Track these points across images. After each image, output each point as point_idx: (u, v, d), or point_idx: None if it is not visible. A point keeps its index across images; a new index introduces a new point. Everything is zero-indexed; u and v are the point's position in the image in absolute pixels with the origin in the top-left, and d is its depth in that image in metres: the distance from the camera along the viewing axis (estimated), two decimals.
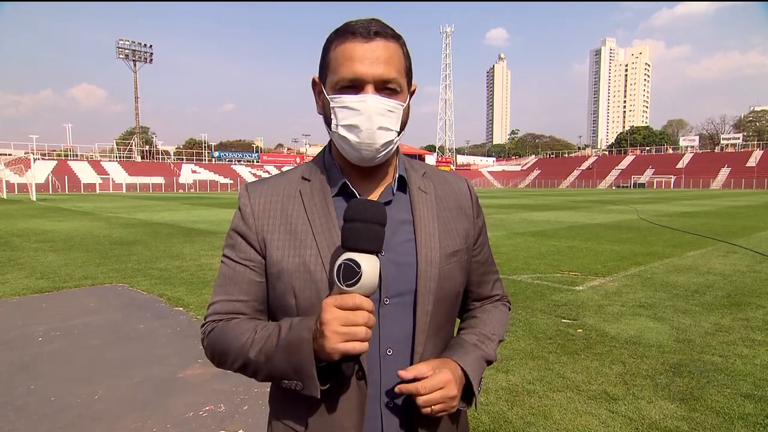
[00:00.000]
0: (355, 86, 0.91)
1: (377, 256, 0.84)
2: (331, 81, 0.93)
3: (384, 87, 0.92)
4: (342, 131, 0.93)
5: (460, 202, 1.09)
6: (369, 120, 0.90)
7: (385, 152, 0.95)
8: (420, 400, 0.88)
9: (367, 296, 0.82)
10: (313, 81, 1.01)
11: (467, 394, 0.98)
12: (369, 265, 0.81)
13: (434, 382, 0.89)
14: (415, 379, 0.90)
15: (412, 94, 1.02)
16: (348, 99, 0.91)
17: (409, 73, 0.98)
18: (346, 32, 0.92)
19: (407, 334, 0.97)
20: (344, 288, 0.80)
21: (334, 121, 0.94)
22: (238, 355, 0.93)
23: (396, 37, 0.95)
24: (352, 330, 0.80)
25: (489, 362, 1.05)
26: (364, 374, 0.92)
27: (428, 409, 0.89)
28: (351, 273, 0.80)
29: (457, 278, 1.03)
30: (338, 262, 0.81)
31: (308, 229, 0.97)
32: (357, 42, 0.90)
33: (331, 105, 0.94)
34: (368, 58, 0.90)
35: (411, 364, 0.96)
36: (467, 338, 1.06)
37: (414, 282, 0.96)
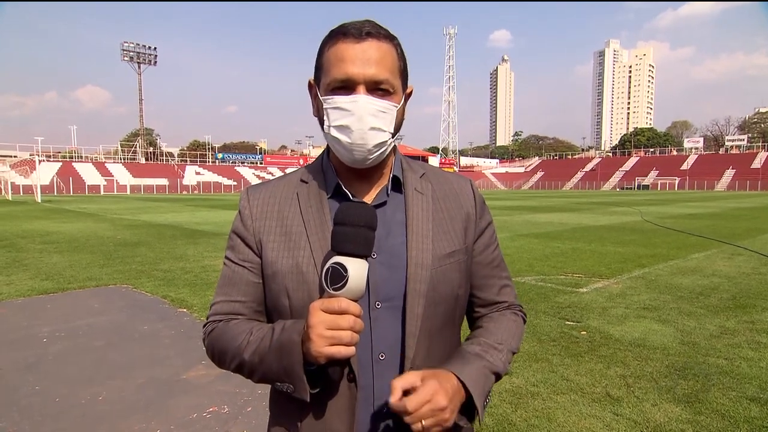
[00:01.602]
0: (346, 87, 0.91)
1: (367, 259, 0.83)
2: (324, 82, 0.93)
3: (376, 88, 0.91)
4: (334, 132, 0.93)
5: (461, 202, 1.06)
6: (360, 121, 0.90)
7: (377, 153, 0.94)
8: (407, 418, 0.81)
9: (355, 300, 0.81)
10: (309, 84, 1.01)
11: (469, 408, 0.92)
12: (356, 269, 0.80)
13: (420, 396, 0.82)
14: (406, 392, 0.83)
15: (408, 96, 1.01)
16: (340, 100, 0.91)
17: (403, 75, 0.97)
18: (338, 33, 0.92)
19: (399, 339, 0.95)
20: (331, 291, 0.80)
21: (326, 123, 0.94)
22: (234, 356, 0.94)
23: (389, 38, 0.94)
24: (337, 334, 0.79)
25: (497, 374, 0.98)
26: (355, 377, 0.91)
27: (419, 425, 0.81)
28: (338, 277, 0.79)
29: (454, 280, 1.00)
30: (326, 265, 0.81)
31: (302, 230, 0.97)
32: (348, 43, 0.90)
33: (324, 106, 0.93)
34: (360, 58, 0.89)
35: (402, 368, 0.94)
36: (468, 348, 1.00)
37: (403, 284, 0.95)
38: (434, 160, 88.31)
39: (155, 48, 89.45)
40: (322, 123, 0.97)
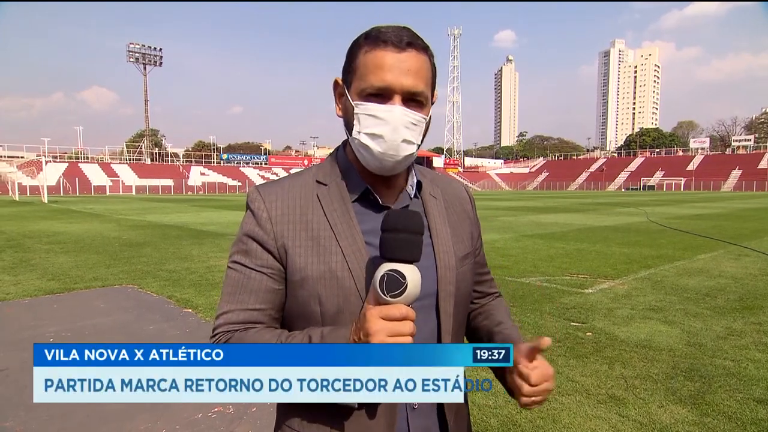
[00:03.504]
0: (382, 95, 0.90)
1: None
2: (357, 87, 0.92)
3: (411, 99, 0.91)
4: (365, 139, 0.91)
5: (464, 207, 1.13)
6: (395, 131, 0.90)
7: (405, 164, 0.96)
8: (526, 389, 0.89)
9: (409, 305, 0.82)
10: (336, 82, 0.99)
11: None
12: (413, 275, 0.81)
13: (542, 373, 0.89)
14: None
15: (432, 103, 1.02)
16: (374, 108, 0.90)
17: (433, 85, 0.98)
18: (377, 39, 0.90)
19: (430, 337, 0.98)
20: (388, 299, 0.80)
21: (356, 128, 0.92)
22: None
23: (425, 49, 0.94)
24: (399, 340, 0.80)
25: None
26: None
27: (529, 400, 0.90)
28: (396, 284, 0.79)
29: (468, 280, 1.07)
30: (380, 272, 0.80)
31: (331, 235, 0.95)
32: (389, 51, 0.89)
33: (355, 111, 0.92)
34: (399, 68, 0.89)
35: None
36: (514, 334, 1.07)
37: (434, 285, 0.98)
38: (438, 161, 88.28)
39: (161, 49, 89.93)
40: (348, 126, 0.96)
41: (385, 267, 0.81)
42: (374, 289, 0.81)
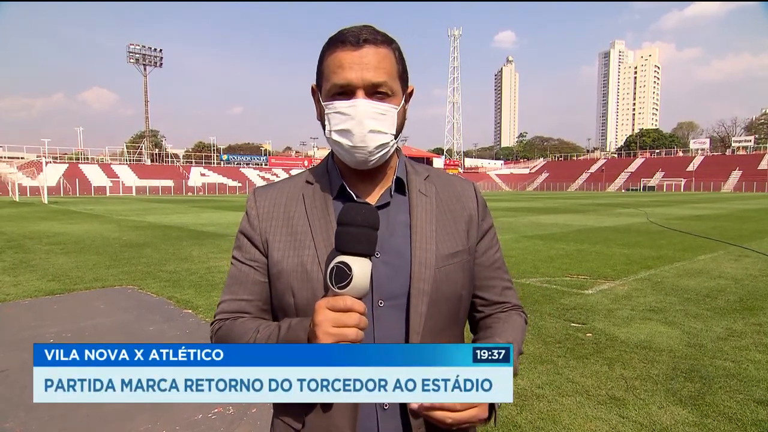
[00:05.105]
0: (346, 92, 0.94)
1: (370, 259, 0.86)
2: (325, 88, 0.97)
3: (375, 92, 0.94)
4: (335, 136, 0.96)
5: (463, 204, 1.09)
6: (360, 124, 0.93)
7: (380, 155, 0.97)
8: (449, 418, 0.82)
9: (359, 298, 0.84)
10: (312, 89, 1.04)
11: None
12: (360, 267, 0.83)
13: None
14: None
15: (409, 96, 1.04)
16: (339, 104, 0.95)
17: (403, 77, 1.00)
18: (336, 41, 0.95)
19: (402, 337, 0.97)
20: (336, 290, 0.83)
21: (327, 127, 0.98)
22: None
23: (387, 42, 0.97)
24: (342, 331, 0.81)
25: None
26: None
27: (456, 427, 0.85)
28: (342, 275, 0.82)
29: (457, 280, 1.02)
30: (331, 265, 0.84)
31: (308, 230, 1.00)
32: (347, 50, 0.94)
33: (325, 111, 0.97)
34: (357, 64, 0.93)
35: None
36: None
37: (407, 283, 0.97)
38: (438, 162, 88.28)
39: (161, 50, 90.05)
40: (324, 127, 1.00)
41: (336, 259, 0.84)
42: (326, 281, 0.85)
